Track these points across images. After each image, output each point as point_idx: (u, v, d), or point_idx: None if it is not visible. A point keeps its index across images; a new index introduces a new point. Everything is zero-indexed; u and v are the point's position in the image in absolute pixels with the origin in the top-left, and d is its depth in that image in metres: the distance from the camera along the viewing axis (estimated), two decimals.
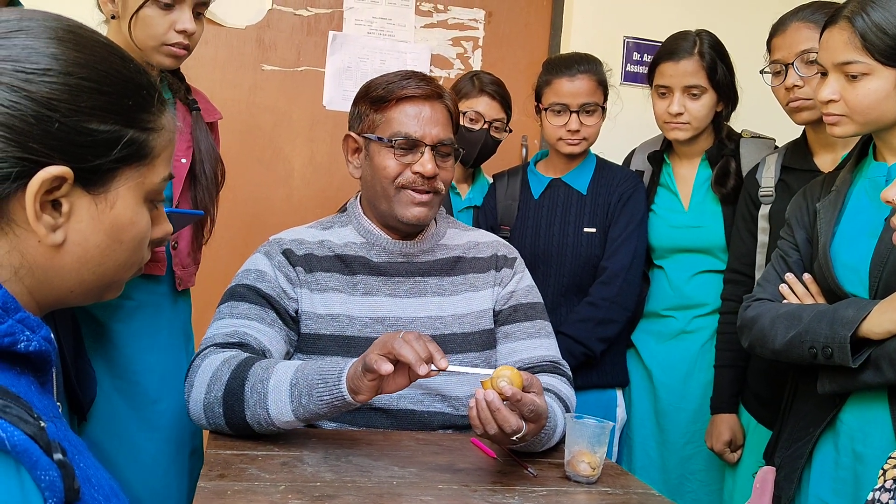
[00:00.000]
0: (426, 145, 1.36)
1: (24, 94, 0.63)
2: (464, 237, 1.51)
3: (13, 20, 0.66)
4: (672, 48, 1.86)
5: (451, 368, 1.09)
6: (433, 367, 1.07)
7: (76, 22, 0.70)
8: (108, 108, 0.67)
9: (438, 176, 1.38)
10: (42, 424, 0.58)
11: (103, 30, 1.42)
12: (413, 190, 1.37)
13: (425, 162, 1.35)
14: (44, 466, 0.56)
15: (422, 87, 1.38)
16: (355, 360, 1.13)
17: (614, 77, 2.03)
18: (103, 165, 0.68)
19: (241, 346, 1.27)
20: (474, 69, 2.56)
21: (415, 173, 1.36)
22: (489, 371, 1.15)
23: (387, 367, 1.05)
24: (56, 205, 0.66)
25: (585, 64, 1.91)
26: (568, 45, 2.54)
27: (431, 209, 1.40)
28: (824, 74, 1.33)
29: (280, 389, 1.15)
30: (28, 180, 0.63)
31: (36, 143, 0.63)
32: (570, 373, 1.45)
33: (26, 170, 0.63)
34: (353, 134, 1.43)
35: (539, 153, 2.13)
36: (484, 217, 2.04)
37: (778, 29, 1.66)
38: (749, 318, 1.43)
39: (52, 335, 0.67)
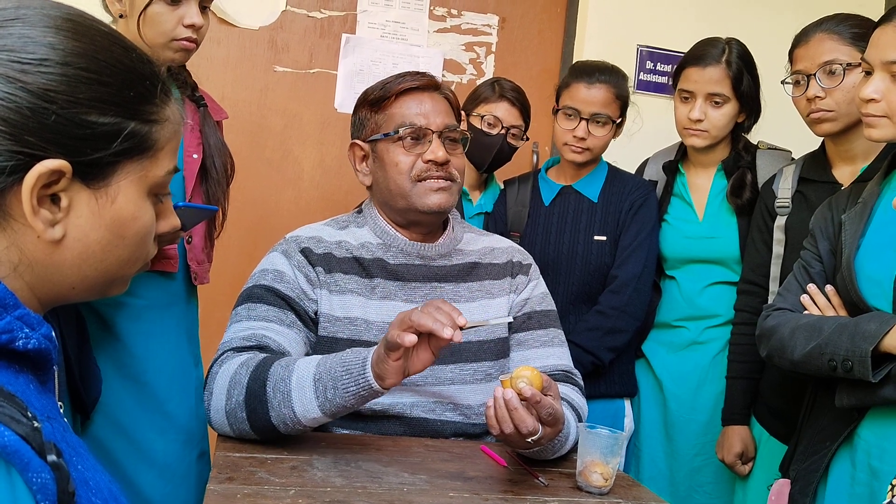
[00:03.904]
0: (433, 132, 1.35)
1: (20, 86, 0.61)
2: (479, 242, 1.50)
3: (10, 8, 0.64)
4: (700, 53, 1.85)
5: (469, 324, 1.08)
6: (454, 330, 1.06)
7: (77, 10, 0.68)
8: (108, 100, 0.65)
9: (450, 163, 1.36)
10: (36, 425, 0.56)
11: None
12: (429, 179, 1.35)
13: (435, 149, 1.34)
14: (36, 468, 0.54)
15: (418, 79, 1.38)
16: (376, 346, 1.11)
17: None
18: (103, 159, 0.65)
19: (259, 348, 1.24)
20: (488, 75, 2.56)
21: (427, 162, 1.34)
22: (507, 318, 1.19)
23: (410, 339, 1.04)
24: (55, 199, 0.64)
25: (607, 75, 1.90)
26: (581, 53, 2.53)
27: (451, 196, 1.37)
28: (868, 74, 1.31)
29: (303, 386, 1.12)
30: (25, 174, 0.61)
31: (32, 136, 0.61)
32: (581, 382, 1.43)
33: (22, 163, 0.61)
34: (358, 141, 1.42)
35: (550, 160, 2.12)
36: (494, 223, 2.03)
37: (801, 40, 1.64)
38: (769, 327, 1.41)
39: (52, 333, 0.65)
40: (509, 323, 1.44)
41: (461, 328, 1.05)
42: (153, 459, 1.43)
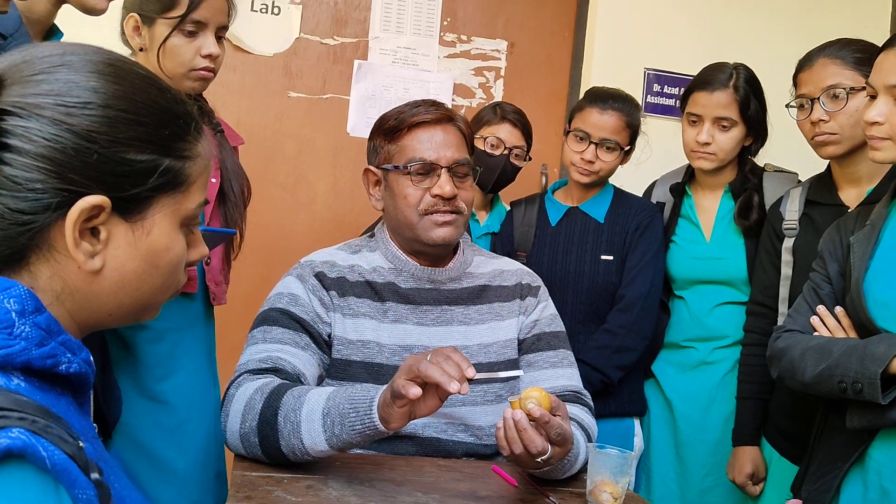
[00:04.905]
0: (442, 167, 1.38)
1: (66, 128, 0.65)
2: (489, 265, 1.52)
3: (56, 55, 0.68)
4: (708, 78, 1.88)
5: (479, 376, 1.06)
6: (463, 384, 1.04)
7: (116, 55, 0.72)
8: (145, 139, 0.69)
9: (458, 196, 1.39)
10: (81, 444, 0.60)
11: None
12: (436, 213, 1.38)
13: (443, 184, 1.37)
14: (82, 485, 0.58)
15: (432, 112, 1.40)
16: (386, 386, 1.11)
17: None
18: (140, 194, 0.69)
19: (274, 371, 1.26)
20: (497, 98, 2.60)
21: (434, 196, 1.37)
22: (518, 371, 1.20)
23: (415, 391, 1.03)
24: (94, 232, 0.68)
25: (620, 102, 1.94)
26: (589, 77, 2.57)
27: (457, 228, 1.40)
28: (873, 97, 1.34)
29: (313, 419, 1.13)
30: (68, 209, 0.65)
31: (75, 174, 0.65)
32: (591, 403, 1.45)
33: (66, 200, 0.65)
34: (371, 167, 1.46)
35: (557, 182, 2.15)
36: (501, 243, 2.06)
37: (804, 64, 1.68)
38: (779, 349, 1.43)
39: (91, 357, 0.69)
40: (519, 344, 1.46)
41: (470, 380, 1.04)
42: (173, 478, 1.45)
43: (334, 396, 1.14)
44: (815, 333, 1.41)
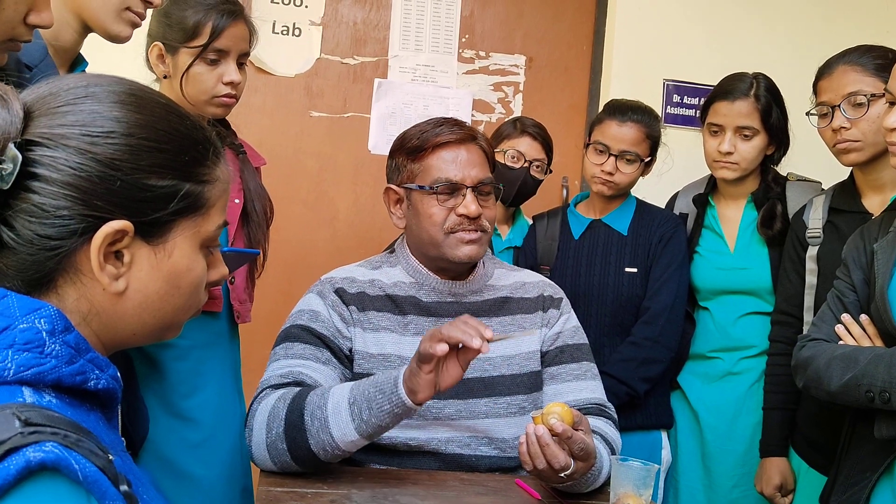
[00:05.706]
0: (467, 187, 1.40)
1: (90, 156, 0.68)
2: (511, 277, 1.53)
3: (81, 86, 0.71)
4: (728, 88, 1.88)
5: (494, 337, 1.13)
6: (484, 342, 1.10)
7: (138, 85, 0.75)
8: (166, 165, 0.72)
9: (483, 215, 1.41)
10: (110, 457, 0.62)
11: (155, 88, 1.50)
12: (461, 231, 1.40)
13: (468, 203, 1.39)
14: (112, 497, 0.60)
15: (455, 131, 1.42)
16: (406, 366, 1.16)
17: None
18: (161, 218, 0.72)
19: (296, 384, 1.29)
20: (516, 113, 2.62)
21: (459, 216, 1.39)
22: (533, 331, 1.25)
23: (442, 348, 1.09)
24: (118, 255, 0.70)
25: (639, 114, 1.94)
26: (608, 90, 2.57)
27: (481, 246, 1.42)
28: (892, 104, 1.34)
29: (339, 410, 1.17)
30: (93, 234, 0.68)
31: (100, 201, 0.68)
32: (615, 415, 1.45)
33: (91, 225, 0.68)
34: (393, 186, 1.47)
35: (579, 195, 2.15)
36: (524, 257, 2.06)
37: (825, 72, 1.67)
38: (804, 358, 1.42)
39: (118, 374, 0.71)
40: (542, 356, 1.46)
41: (488, 341, 1.10)
42: (198, 493, 1.48)
43: (358, 386, 1.19)
44: (841, 342, 1.40)
